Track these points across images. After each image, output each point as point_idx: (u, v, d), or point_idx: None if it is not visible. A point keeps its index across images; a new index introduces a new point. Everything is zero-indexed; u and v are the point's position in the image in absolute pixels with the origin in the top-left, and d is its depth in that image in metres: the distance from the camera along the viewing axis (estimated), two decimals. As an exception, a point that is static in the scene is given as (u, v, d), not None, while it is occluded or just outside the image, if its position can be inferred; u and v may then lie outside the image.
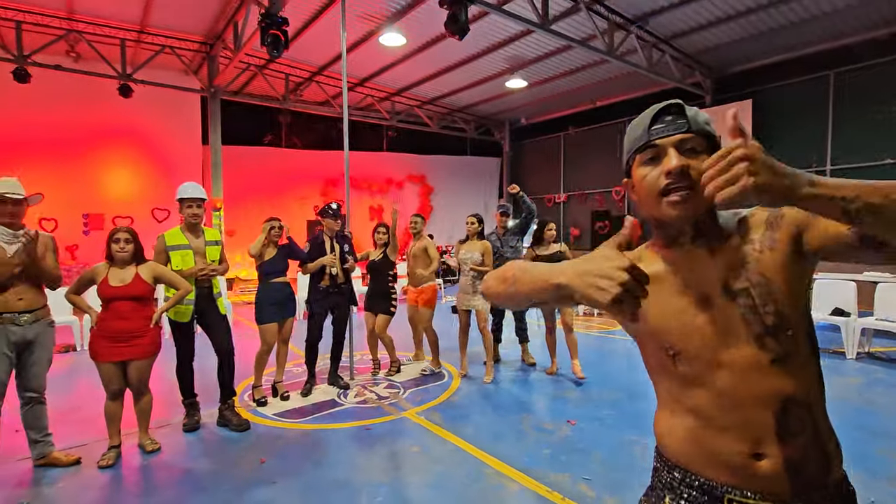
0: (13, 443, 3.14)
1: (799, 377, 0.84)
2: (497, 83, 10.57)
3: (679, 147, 0.84)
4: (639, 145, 0.88)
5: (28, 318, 2.80)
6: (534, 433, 3.39)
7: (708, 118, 0.88)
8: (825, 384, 0.89)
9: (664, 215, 0.85)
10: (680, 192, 0.82)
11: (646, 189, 0.87)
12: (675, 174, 0.82)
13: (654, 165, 0.86)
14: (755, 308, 0.83)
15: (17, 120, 8.35)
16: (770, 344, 0.83)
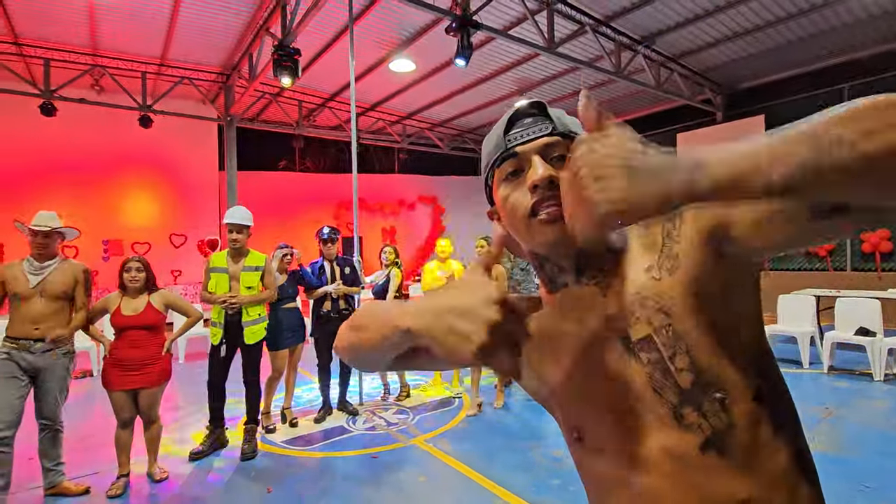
0: (27, 471, 3.17)
1: (753, 465, 0.55)
2: (505, 105, 10.69)
3: (544, 154, 0.63)
4: (495, 157, 0.67)
5: (40, 346, 2.86)
6: (544, 462, 3.31)
7: (576, 120, 0.66)
8: (854, 406, 0.66)
9: (537, 243, 0.64)
10: (550, 209, 0.61)
11: (511, 212, 0.65)
12: (542, 187, 0.61)
13: (518, 181, 0.65)
14: (663, 364, 0.58)
15: (43, 150, 8.69)
16: (692, 418, 0.56)
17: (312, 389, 5.05)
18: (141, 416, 3.11)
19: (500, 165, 0.67)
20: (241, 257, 3.58)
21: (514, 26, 7.04)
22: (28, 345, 2.83)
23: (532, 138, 0.64)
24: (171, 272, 9.72)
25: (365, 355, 0.68)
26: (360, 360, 0.71)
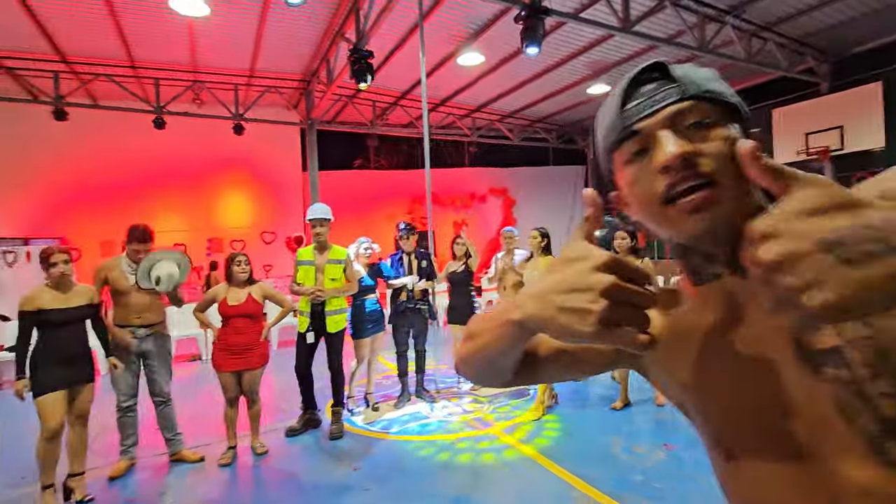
0: (154, 441, 3.66)
1: None
2: (578, 90, 10.34)
3: (675, 125, 0.52)
4: (612, 139, 0.56)
5: (143, 332, 3.30)
6: (624, 456, 3.23)
7: (712, 73, 0.56)
8: None
9: (678, 233, 0.54)
10: (692, 195, 0.50)
11: (641, 201, 0.55)
12: (675, 167, 0.50)
13: (645, 162, 0.54)
14: (858, 385, 0.45)
15: (155, 160, 9.83)
16: None
17: (392, 377, 5.30)
18: (244, 395, 3.47)
19: (619, 147, 0.56)
20: (324, 250, 3.85)
21: (586, 8, 6.77)
22: (132, 331, 3.27)
23: (656, 109, 0.53)
24: (263, 267, 10.58)
25: (483, 364, 0.62)
26: (481, 371, 0.64)
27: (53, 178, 9.44)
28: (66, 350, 2.84)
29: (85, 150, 9.46)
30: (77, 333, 2.92)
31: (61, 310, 2.83)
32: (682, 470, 2.98)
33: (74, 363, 2.88)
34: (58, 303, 2.83)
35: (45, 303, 2.80)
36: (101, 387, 5.29)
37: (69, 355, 2.85)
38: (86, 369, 2.95)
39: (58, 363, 2.81)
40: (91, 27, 7.03)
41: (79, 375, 2.90)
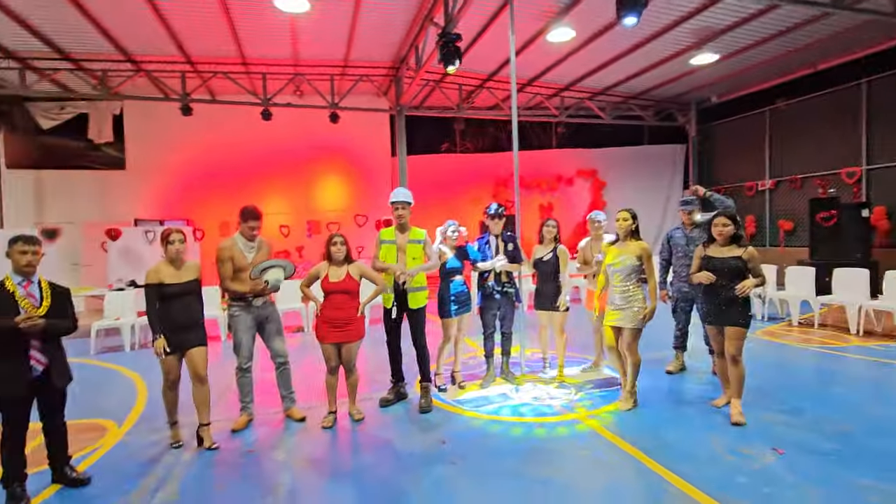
0: (270, 400, 4.10)
1: None
2: (680, 62, 9.49)
3: None
4: None
5: (259, 301, 3.72)
6: (727, 456, 3.01)
7: None
8: None
9: None
10: None
11: None
12: None
13: None
14: None
15: (262, 149, 10.76)
16: None
17: (477, 357, 5.40)
18: (343, 366, 3.75)
19: None
20: (405, 231, 4.01)
21: (694, -31, 6.16)
22: (251, 301, 3.68)
23: None
24: (356, 248, 11.25)
25: None
26: None
27: (182, 167, 10.75)
28: (179, 318, 3.27)
29: (206, 142, 10.63)
30: (188, 304, 3.33)
31: (176, 284, 3.26)
32: (793, 477, 2.71)
33: (187, 330, 3.29)
34: (173, 278, 3.27)
35: (165, 277, 3.25)
36: (222, 352, 6.03)
37: (182, 323, 3.27)
38: (197, 335, 3.36)
39: (172, 330, 3.24)
40: (211, 30, 7.80)
41: (191, 340, 3.31)
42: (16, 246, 2.69)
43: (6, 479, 2.69)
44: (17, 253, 2.68)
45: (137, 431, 3.75)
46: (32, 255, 2.71)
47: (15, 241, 2.70)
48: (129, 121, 10.51)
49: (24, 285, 2.70)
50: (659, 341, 5.09)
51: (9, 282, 2.67)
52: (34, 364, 2.68)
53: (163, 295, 3.24)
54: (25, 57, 8.26)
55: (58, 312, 2.78)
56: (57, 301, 2.80)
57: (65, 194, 10.32)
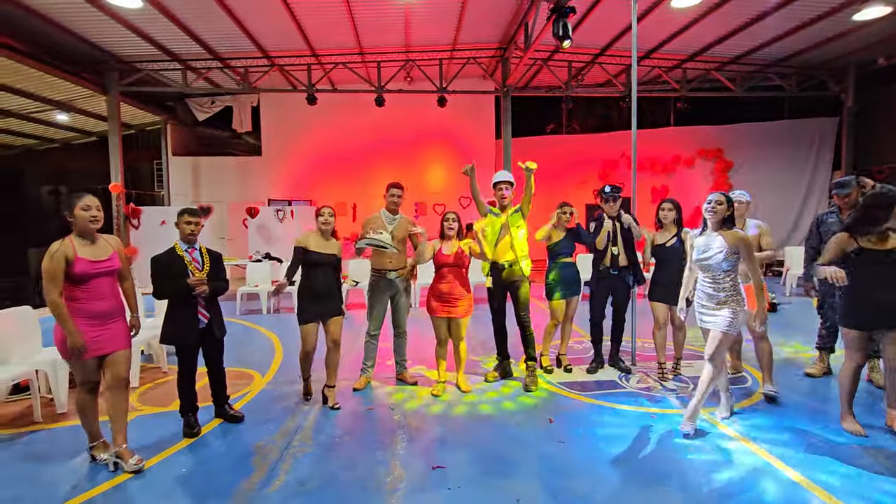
0: (383, 367, 4.46)
1: None
2: (838, 18, 8.10)
3: None
4: None
5: (394, 274, 4.01)
6: (889, 471, 2.64)
7: None
8: None
9: None
10: None
11: None
12: None
13: None
14: None
15: (375, 133, 11.42)
16: None
17: (583, 342, 5.30)
18: (452, 339, 3.94)
19: None
20: (505, 210, 4.06)
21: None
22: (386, 274, 3.98)
23: None
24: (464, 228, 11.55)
25: None
26: None
27: (306, 152, 11.84)
28: (319, 287, 3.60)
29: (327, 129, 11.57)
30: (328, 275, 3.66)
31: (320, 253, 3.60)
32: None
33: (326, 300, 3.62)
34: (319, 247, 3.61)
35: (311, 244, 3.60)
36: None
37: (321, 292, 3.60)
38: (336, 305, 3.70)
39: (314, 298, 3.59)
40: (333, 21, 8.39)
41: (329, 310, 3.64)
42: (183, 217, 3.19)
43: (182, 409, 3.29)
44: (184, 223, 3.17)
45: (276, 382, 4.32)
46: (196, 225, 3.21)
47: (182, 213, 3.22)
48: (265, 111, 11.81)
49: (190, 252, 3.21)
50: (802, 339, 4.54)
51: (178, 248, 3.20)
52: (201, 317, 3.22)
53: (305, 261, 3.59)
54: (186, 59, 9.64)
55: (215, 274, 3.28)
56: (214, 264, 3.30)
57: (215, 177, 11.98)
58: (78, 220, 2.70)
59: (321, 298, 3.60)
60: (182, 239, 3.22)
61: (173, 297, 3.15)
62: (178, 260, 3.16)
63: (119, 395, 2.85)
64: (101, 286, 2.75)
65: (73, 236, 2.72)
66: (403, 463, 2.85)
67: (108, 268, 2.78)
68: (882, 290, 2.94)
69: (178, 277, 3.11)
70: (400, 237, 4.07)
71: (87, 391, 2.83)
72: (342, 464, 2.86)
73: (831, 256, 3.03)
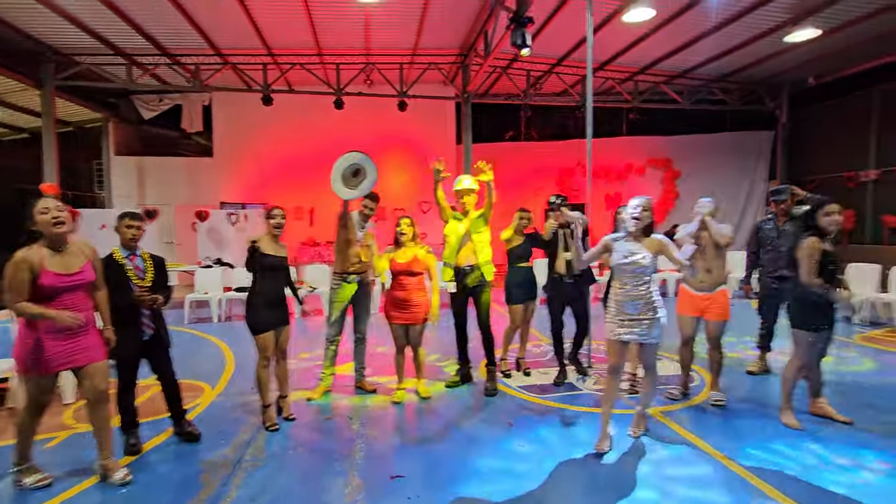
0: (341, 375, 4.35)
1: None
2: (773, 40, 8.70)
3: None
4: None
5: (353, 277, 3.94)
6: (823, 465, 2.81)
7: None
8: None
9: None
10: None
11: None
12: None
13: None
14: None
15: (333, 138, 11.17)
16: None
17: (542, 346, 5.38)
18: (410, 345, 3.88)
19: None
20: (466, 213, 4.08)
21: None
22: (345, 277, 3.92)
23: None
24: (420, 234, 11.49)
25: None
26: None
27: (261, 154, 11.45)
28: (273, 292, 3.41)
29: (283, 131, 11.25)
30: (280, 280, 3.49)
31: (275, 256, 3.41)
32: None
33: (278, 306, 3.43)
34: (272, 251, 3.41)
35: (264, 246, 3.37)
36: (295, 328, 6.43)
37: (275, 298, 3.41)
38: (286, 313, 3.52)
39: (268, 306, 3.35)
40: (290, 21, 8.19)
41: (281, 318, 3.45)
42: (124, 220, 2.97)
43: (123, 426, 3.06)
44: (125, 227, 2.96)
45: (228, 393, 4.12)
46: (137, 229, 2.99)
47: (123, 216, 3.00)
48: (217, 111, 11.34)
49: (131, 258, 2.99)
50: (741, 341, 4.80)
51: (117, 254, 2.97)
52: (145, 329, 3.01)
53: (260, 264, 3.34)
54: (131, 53, 9.13)
55: (160, 282, 3.07)
56: (158, 272, 3.08)
57: (162, 179, 11.38)
58: (41, 226, 2.46)
59: (274, 306, 3.41)
60: (122, 244, 3.00)
61: (113, 309, 2.90)
62: (118, 267, 2.94)
63: (100, 408, 2.65)
64: (72, 300, 2.52)
65: (43, 245, 2.48)
66: (362, 474, 2.78)
67: (80, 281, 2.56)
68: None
69: (117, 287, 2.89)
70: (367, 243, 4.03)
71: (35, 412, 2.60)
72: (297, 477, 2.75)
73: (810, 267, 3.08)
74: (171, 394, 3.21)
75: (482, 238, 4.03)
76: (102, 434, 2.68)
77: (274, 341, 3.42)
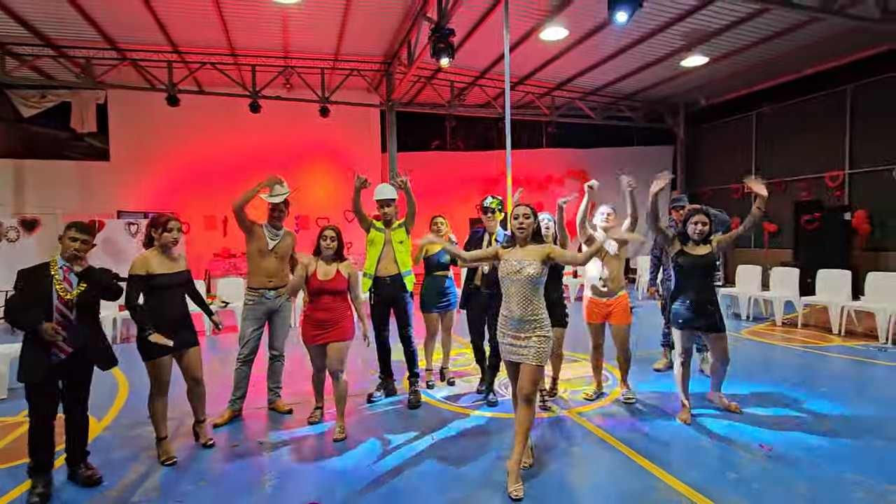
0: (256, 395, 4.01)
1: None
2: (670, 64, 9.58)
3: None
4: None
5: (273, 293, 3.67)
6: (716, 452, 3.03)
7: None
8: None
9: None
10: None
11: None
12: None
13: None
14: None
15: (251, 143, 10.59)
16: None
17: (464, 354, 5.37)
18: (329, 371, 3.40)
19: None
20: (390, 225, 4.00)
21: (686, -29, 6.21)
22: (264, 293, 3.65)
23: None
24: (346, 244, 11.14)
25: None
26: None
27: (167, 159, 10.54)
28: (172, 313, 3.03)
29: (193, 134, 10.44)
30: (180, 298, 3.13)
31: (169, 274, 3.02)
32: (782, 473, 2.74)
33: (180, 327, 3.05)
34: (165, 268, 3.03)
35: (154, 267, 2.99)
36: (205, 346, 5.91)
37: (175, 318, 3.03)
38: (192, 333, 3.16)
39: (166, 327, 2.93)
40: (198, 18, 7.64)
41: (187, 340, 3.08)
42: (69, 232, 2.66)
43: (32, 468, 2.60)
44: (68, 239, 2.65)
45: (117, 426, 3.64)
46: (82, 243, 2.65)
47: (70, 227, 2.68)
48: (114, 111, 10.28)
49: (65, 270, 2.63)
50: (648, 339, 5.12)
51: (54, 263, 2.63)
52: (56, 351, 2.56)
53: (152, 286, 2.98)
54: (5, 42, 8.02)
55: (91, 301, 2.71)
56: (94, 289, 2.70)
57: (46, 185, 10.04)
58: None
59: (176, 325, 3.03)
60: (62, 255, 2.64)
61: (23, 325, 2.54)
62: (46, 275, 2.57)
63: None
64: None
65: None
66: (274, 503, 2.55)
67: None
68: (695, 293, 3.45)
69: (36, 299, 2.53)
70: (282, 254, 3.75)
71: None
72: (195, 516, 2.46)
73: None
74: (76, 431, 2.79)
75: (403, 248, 3.94)
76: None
77: (170, 367, 3.03)
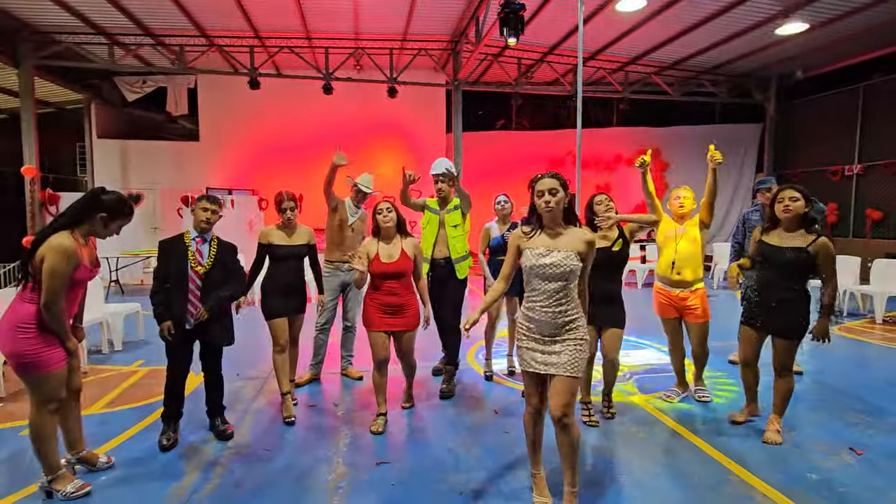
0: (329, 362, 4.33)
1: None
2: (763, 32, 8.73)
3: None
4: None
5: (347, 266, 3.88)
6: (795, 450, 2.89)
7: None
8: None
9: None
10: None
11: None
12: None
13: None
14: None
15: (322, 123, 11.06)
16: None
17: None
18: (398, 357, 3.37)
19: None
20: (446, 203, 3.89)
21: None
22: (339, 266, 3.92)
23: None
24: (410, 223, 11.44)
25: None
26: None
27: (248, 139, 11.28)
28: (286, 280, 3.38)
29: (271, 115, 11.07)
30: (294, 267, 3.44)
31: (285, 246, 3.39)
32: (876, 479, 2.57)
33: (293, 294, 3.41)
34: (283, 240, 3.39)
35: (274, 239, 3.38)
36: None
37: (287, 284, 3.37)
38: (301, 300, 3.50)
39: (281, 293, 3.35)
40: (277, 4, 8.01)
41: (296, 306, 3.44)
42: (200, 203, 2.91)
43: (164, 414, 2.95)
44: (200, 209, 2.89)
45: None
46: (212, 213, 2.89)
47: (200, 199, 2.94)
48: (203, 94, 11.11)
49: (197, 241, 2.90)
50: (724, 330, 4.90)
51: (187, 236, 2.91)
52: (189, 317, 2.83)
53: (271, 256, 3.38)
54: (113, 33, 8.88)
55: (219, 274, 2.91)
56: (219, 264, 2.91)
57: (146, 163, 11.14)
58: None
59: (290, 292, 3.41)
60: (194, 226, 2.93)
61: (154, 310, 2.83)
62: (183, 248, 2.86)
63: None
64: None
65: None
66: (346, 460, 2.79)
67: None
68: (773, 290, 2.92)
69: (175, 269, 2.83)
70: (358, 230, 4.03)
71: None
72: (281, 463, 2.76)
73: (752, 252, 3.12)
74: (207, 387, 3.11)
75: (457, 232, 3.84)
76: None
77: (286, 328, 3.41)
